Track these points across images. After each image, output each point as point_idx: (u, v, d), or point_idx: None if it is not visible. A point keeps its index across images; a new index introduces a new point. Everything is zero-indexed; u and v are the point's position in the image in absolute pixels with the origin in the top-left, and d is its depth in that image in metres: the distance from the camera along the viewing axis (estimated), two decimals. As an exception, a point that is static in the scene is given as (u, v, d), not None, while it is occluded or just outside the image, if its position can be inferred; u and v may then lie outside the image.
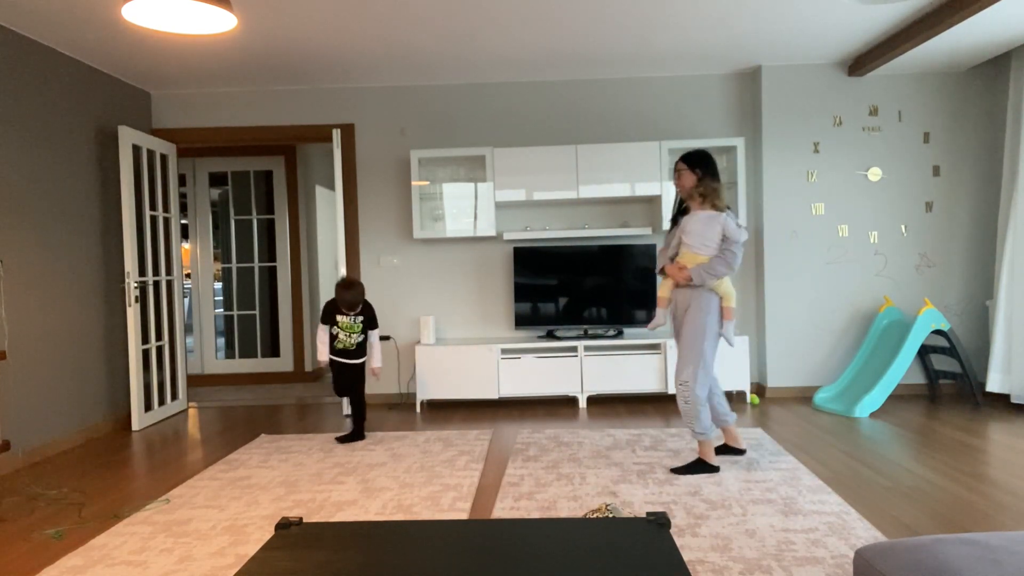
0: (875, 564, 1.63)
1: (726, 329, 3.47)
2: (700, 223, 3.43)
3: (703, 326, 3.42)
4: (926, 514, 2.92)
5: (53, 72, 4.46)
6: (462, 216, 5.34)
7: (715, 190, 3.43)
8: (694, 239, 3.43)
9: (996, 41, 4.63)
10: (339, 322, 4.40)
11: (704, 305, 3.43)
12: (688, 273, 3.41)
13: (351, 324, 4.40)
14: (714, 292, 3.45)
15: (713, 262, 3.40)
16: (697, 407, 3.44)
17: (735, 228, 3.41)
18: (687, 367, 3.43)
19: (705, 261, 3.41)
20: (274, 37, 4.39)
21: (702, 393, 3.43)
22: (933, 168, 5.31)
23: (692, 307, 3.46)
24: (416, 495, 3.32)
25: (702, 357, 3.42)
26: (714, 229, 3.41)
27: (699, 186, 3.45)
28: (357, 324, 4.42)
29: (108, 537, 2.89)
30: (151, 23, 2.71)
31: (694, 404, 3.43)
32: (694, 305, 3.45)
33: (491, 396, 5.21)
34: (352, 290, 4.32)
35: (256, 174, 7.07)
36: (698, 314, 3.43)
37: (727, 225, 3.41)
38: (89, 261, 4.75)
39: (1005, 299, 4.82)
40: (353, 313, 4.39)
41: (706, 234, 3.41)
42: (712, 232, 3.41)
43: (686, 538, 2.70)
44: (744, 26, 4.45)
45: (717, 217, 3.41)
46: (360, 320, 4.43)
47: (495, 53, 4.85)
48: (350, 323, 4.40)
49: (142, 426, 5.00)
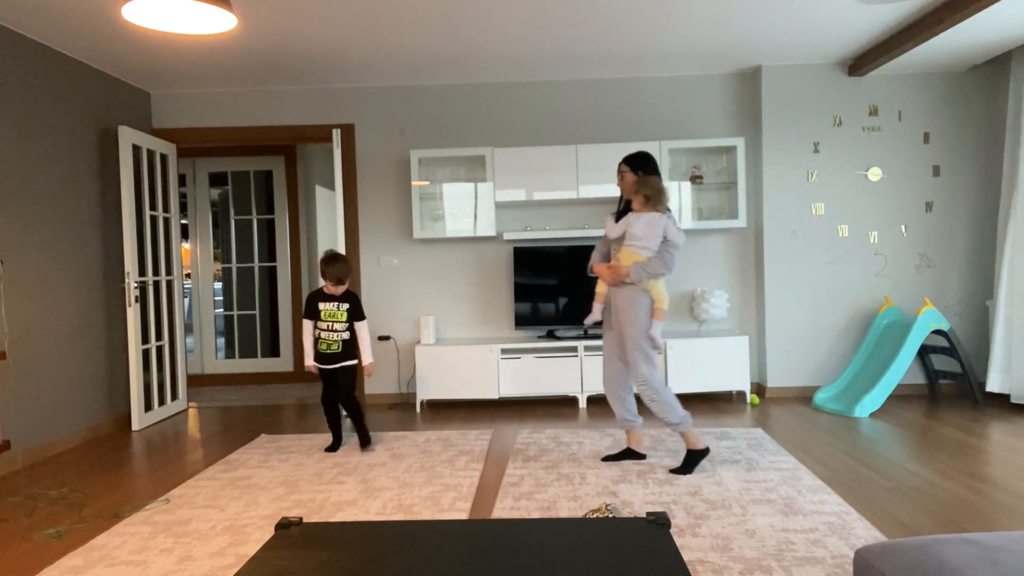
0: (875, 564, 1.63)
1: (654, 329, 3.52)
2: (643, 224, 3.47)
3: (638, 327, 3.49)
4: (926, 514, 2.92)
5: (53, 72, 4.46)
6: (462, 216, 5.34)
7: (659, 192, 3.48)
8: (636, 239, 3.48)
9: (996, 41, 4.63)
10: (321, 312, 4.06)
11: (638, 304, 3.49)
12: (626, 271, 3.46)
13: (334, 311, 4.06)
14: (647, 293, 3.51)
15: (652, 261, 3.47)
16: (664, 398, 3.49)
17: (676, 231, 3.48)
18: (639, 367, 3.50)
19: (643, 260, 3.46)
20: (274, 37, 4.39)
21: (661, 385, 3.50)
22: (933, 168, 5.32)
23: (626, 307, 3.50)
24: (416, 495, 3.31)
25: (647, 355, 3.51)
26: (656, 231, 3.46)
27: (644, 188, 3.48)
28: (341, 312, 4.07)
29: (108, 537, 2.88)
30: (151, 23, 2.71)
31: (661, 397, 3.49)
32: (628, 305, 3.50)
33: (491, 396, 5.21)
34: (336, 263, 4.01)
35: (256, 174, 7.07)
36: (631, 312, 3.49)
37: (668, 228, 3.47)
38: (89, 261, 4.75)
39: (1005, 299, 4.82)
40: (337, 299, 4.07)
41: (648, 235, 3.47)
42: (654, 234, 3.46)
43: (686, 538, 2.70)
44: (744, 26, 4.45)
45: (660, 219, 3.47)
46: (345, 308, 4.09)
47: (495, 53, 4.85)
48: (333, 310, 4.06)
49: (142, 426, 5.00)
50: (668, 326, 5.55)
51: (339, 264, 4.03)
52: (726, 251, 5.54)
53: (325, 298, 4.09)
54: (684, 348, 5.13)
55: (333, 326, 4.08)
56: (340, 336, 4.10)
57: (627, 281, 3.50)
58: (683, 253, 5.53)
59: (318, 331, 4.10)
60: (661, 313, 3.52)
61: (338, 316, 4.08)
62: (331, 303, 4.09)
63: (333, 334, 4.09)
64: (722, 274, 5.54)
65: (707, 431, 4.35)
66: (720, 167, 5.44)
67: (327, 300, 4.08)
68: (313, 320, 4.11)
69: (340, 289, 4.07)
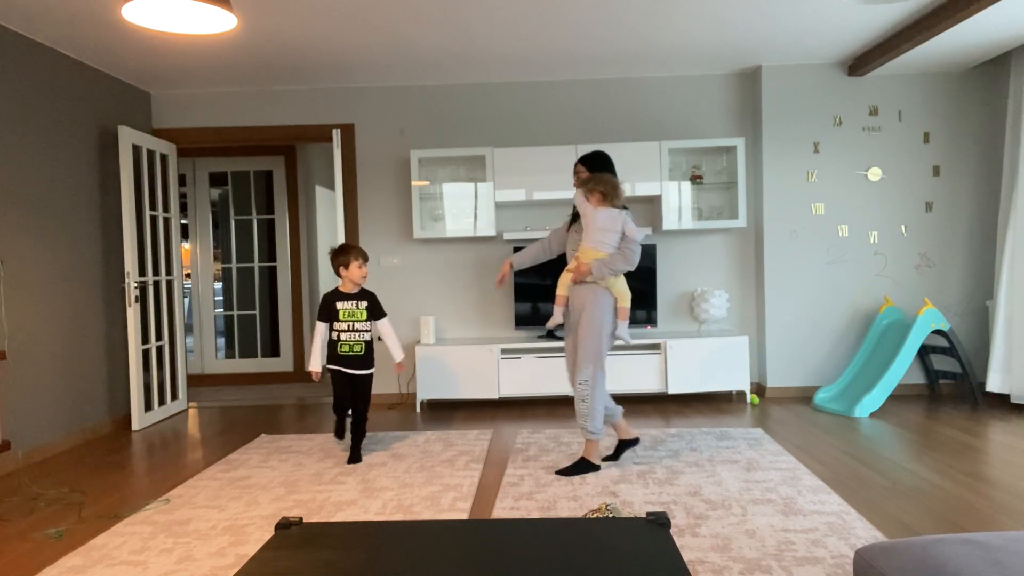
0: (875, 564, 1.63)
1: (620, 329, 3.53)
2: (605, 217, 3.44)
3: (599, 325, 3.47)
4: (926, 514, 2.92)
5: (53, 72, 4.46)
6: (462, 216, 5.34)
7: (615, 188, 3.46)
8: (595, 236, 3.44)
9: (996, 41, 4.63)
10: (340, 312, 3.86)
11: (600, 304, 3.47)
12: (587, 267, 3.43)
13: (354, 310, 3.86)
14: (609, 292, 3.49)
15: (613, 257, 3.45)
16: (594, 406, 3.47)
17: (634, 227, 3.47)
18: (587, 366, 3.46)
19: (604, 257, 3.44)
20: (274, 37, 4.39)
21: (601, 392, 3.48)
22: (933, 168, 5.32)
23: (588, 306, 3.48)
24: (416, 495, 3.31)
25: (600, 356, 3.47)
26: (615, 226, 3.45)
27: (598, 185, 3.45)
28: (361, 311, 3.88)
29: (108, 537, 2.88)
30: (151, 23, 2.71)
31: (591, 403, 3.47)
32: (590, 304, 3.47)
33: (491, 396, 5.21)
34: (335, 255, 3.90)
35: (256, 174, 7.07)
36: (594, 313, 3.46)
37: (627, 224, 3.47)
38: (89, 261, 4.75)
39: (1005, 299, 4.82)
40: (355, 297, 3.89)
41: (607, 232, 3.44)
42: (615, 228, 3.45)
43: (686, 538, 2.70)
44: (744, 26, 4.45)
45: (619, 215, 3.46)
46: (364, 307, 3.91)
47: (495, 53, 4.85)
48: (352, 309, 3.86)
49: (142, 426, 5.00)
50: (668, 326, 5.55)
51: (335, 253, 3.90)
52: (726, 251, 5.54)
53: (342, 297, 3.90)
54: (684, 348, 5.13)
55: (354, 325, 3.86)
56: (363, 337, 3.89)
57: (587, 280, 3.47)
58: (683, 253, 5.54)
59: (337, 333, 3.88)
60: (625, 312, 3.51)
61: (358, 315, 3.87)
62: (349, 302, 3.89)
63: (355, 334, 3.87)
64: (722, 274, 5.54)
65: (707, 431, 4.35)
66: (720, 167, 5.44)
67: (345, 299, 3.89)
68: (329, 322, 3.91)
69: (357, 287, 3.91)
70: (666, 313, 5.55)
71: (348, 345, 3.87)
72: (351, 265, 3.86)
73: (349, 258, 3.86)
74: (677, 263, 5.54)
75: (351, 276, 3.87)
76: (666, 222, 5.19)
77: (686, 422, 4.64)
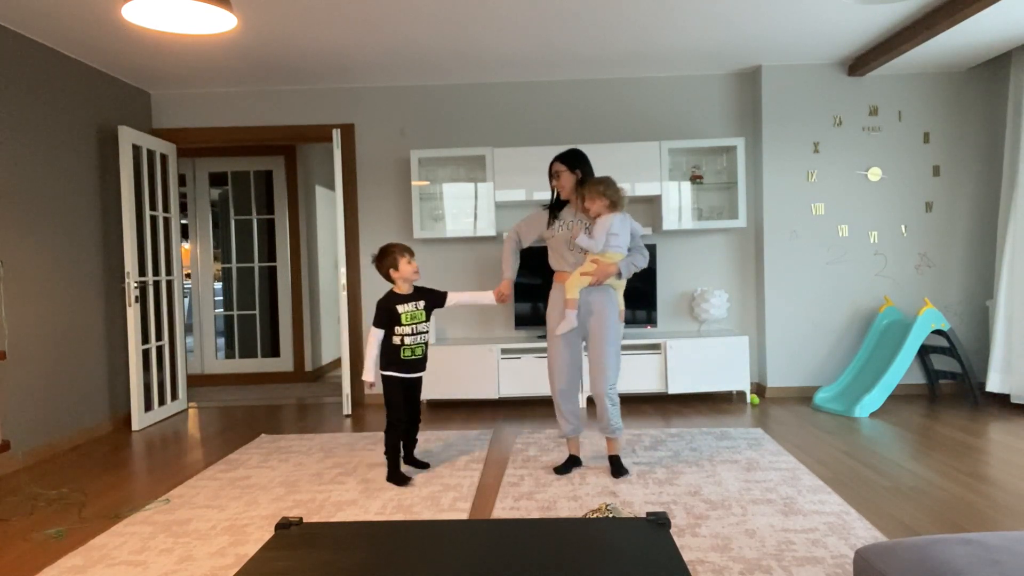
0: (875, 564, 1.63)
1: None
2: (618, 223, 3.41)
3: (619, 331, 3.47)
4: (926, 514, 2.92)
5: (53, 72, 4.46)
6: (462, 216, 5.34)
7: (623, 197, 3.43)
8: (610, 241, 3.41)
9: (996, 41, 4.63)
10: (402, 317, 3.53)
11: (615, 309, 3.46)
12: (615, 268, 3.39)
13: (414, 312, 3.56)
14: (615, 295, 3.48)
15: (635, 256, 3.47)
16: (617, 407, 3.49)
17: (639, 225, 3.54)
18: (614, 373, 3.44)
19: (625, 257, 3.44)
20: (274, 37, 4.39)
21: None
22: (933, 168, 5.31)
23: (607, 311, 3.43)
24: (416, 495, 3.31)
25: (619, 359, 3.49)
26: (626, 229, 3.46)
27: (609, 192, 3.40)
28: (420, 310, 3.58)
29: (108, 537, 2.88)
30: (151, 23, 2.71)
31: (617, 406, 3.48)
32: (608, 310, 3.44)
33: (491, 396, 5.21)
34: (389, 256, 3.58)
35: (256, 174, 7.07)
36: (612, 318, 3.44)
37: (633, 223, 3.51)
38: (89, 261, 4.75)
39: (1005, 299, 4.82)
40: (412, 298, 3.58)
41: (623, 235, 3.43)
42: (624, 232, 3.44)
43: (686, 538, 2.70)
44: (744, 26, 4.45)
45: (626, 218, 3.47)
46: (423, 306, 3.59)
47: (495, 53, 4.85)
48: (413, 310, 3.56)
49: (142, 426, 5.00)
50: (668, 326, 5.56)
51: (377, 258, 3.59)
52: (726, 251, 5.54)
53: (400, 300, 3.56)
54: (684, 348, 5.13)
55: (417, 328, 3.57)
56: (425, 338, 3.62)
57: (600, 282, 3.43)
58: (683, 253, 5.54)
59: (400, 337, 3.54)
60: (622, 315, 3.53)
61: (419, 316, 3.58)
62: (408, 303, 3.56)
63: (419, 337, 3.58)
64: (722, 274, 5.54)
65: (707, 431, 4.35)
66: (720, 167, 5.44)
67: (403, 301, 3.55)
68: (388, 328, 3.55)
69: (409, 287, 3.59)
70: (666, 313, 5.55)
71: (411, 349, 3.56)
72: (400, 264, 3.55)
73: (395, 257, 3.55)
74: (677, 263, 5.54)
75: (403, 275, 3.56)
76: (666, 222, 5.19)
77: (686, 422, 4.64)
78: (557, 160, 3.54)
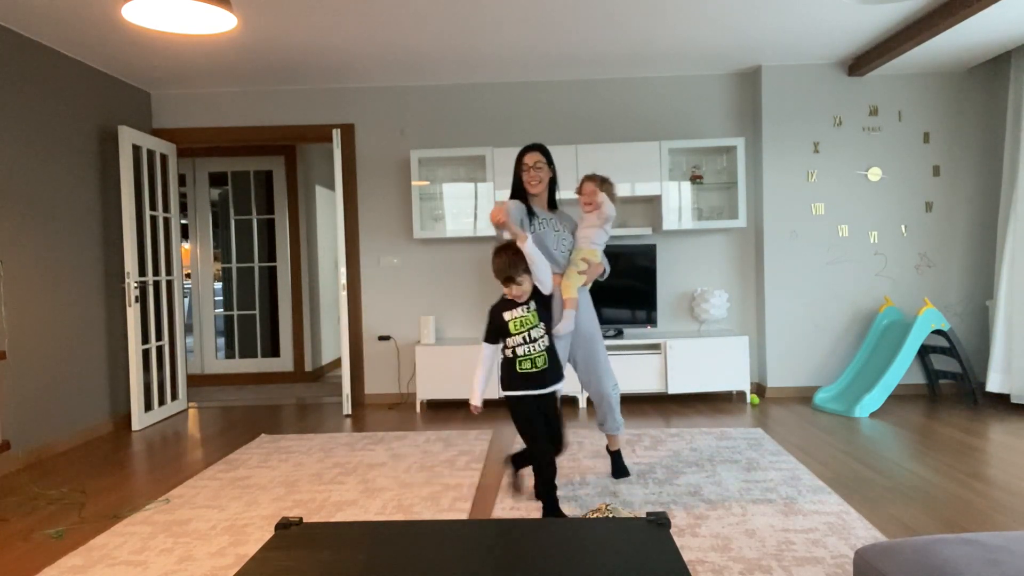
0: (875, 564, 1.63)
1: None
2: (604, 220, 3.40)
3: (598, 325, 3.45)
4: (926, 514, 2.92)
5: (53, 72, 4.46)
6: (462, 216, 5.34)
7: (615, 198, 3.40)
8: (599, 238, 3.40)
9: (996, 41, 4.63)
10: (509, 326, 2.99)
11: (591, 306, 3.44)
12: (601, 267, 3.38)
13: (524, 316, 2.99)
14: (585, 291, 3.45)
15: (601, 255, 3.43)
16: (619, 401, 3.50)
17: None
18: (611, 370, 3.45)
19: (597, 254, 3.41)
20: (274, 37, 4.39)
21: None
22: (933, 168, 5.31)
23: (590, 311, 3.42)
24: (416, 495, 3.31)
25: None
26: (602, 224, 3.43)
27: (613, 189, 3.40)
28: (532, 313, 2.99)
29: (108, 537, 2.88)
30: (151, 23, 2.71)
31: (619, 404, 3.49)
32: (591, 308, 3.43)
33: (491, 396, 5.19)
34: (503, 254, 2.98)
35: (256, 174, 7.07)
36: (594, 317, 3.43)
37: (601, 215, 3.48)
38: (89, 261, 4.75)
39: (1005, 299, 4.82)
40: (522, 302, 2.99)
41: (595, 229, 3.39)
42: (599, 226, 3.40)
43: (686, 538, 2.70)
44: (744, 26, 4.45)
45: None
46: (534, 308, 3.00)
47: (495, 53, 4.85)
48: (522, 316, 2.99)
49: (142, 426, 5.00)
50: (668, 326, 5.56)
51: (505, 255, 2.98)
52: (726, 251, 5.54)
53: (509, 306, 3.02)
54: (684, 348, 5.13)
55: (530, 334, 2.99)
56: (542, 345, 3.01)
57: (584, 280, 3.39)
58: (683, 253, 5.54)
59: (511, 349, 3.01)
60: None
61: (530, 320, 2.99)
62: (516, 309, 3.00)
63: (534, 345, 2.99)
64: (722, 274, 5.54)
65: (707, 431, 4.35)
66: (720, 167, 5.44)
67: (511, 307, 3.01)
68: (498, 342, 3.05)
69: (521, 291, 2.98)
70: (666, 313, 5.55)
71: (530, 361, 2.99)
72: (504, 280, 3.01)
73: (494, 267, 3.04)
74: (677, 263, 5.54)
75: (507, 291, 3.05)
76: (666, 222, 5.18)
77: (686, 422, 4.64)
78: (536, 151, 3.32)
